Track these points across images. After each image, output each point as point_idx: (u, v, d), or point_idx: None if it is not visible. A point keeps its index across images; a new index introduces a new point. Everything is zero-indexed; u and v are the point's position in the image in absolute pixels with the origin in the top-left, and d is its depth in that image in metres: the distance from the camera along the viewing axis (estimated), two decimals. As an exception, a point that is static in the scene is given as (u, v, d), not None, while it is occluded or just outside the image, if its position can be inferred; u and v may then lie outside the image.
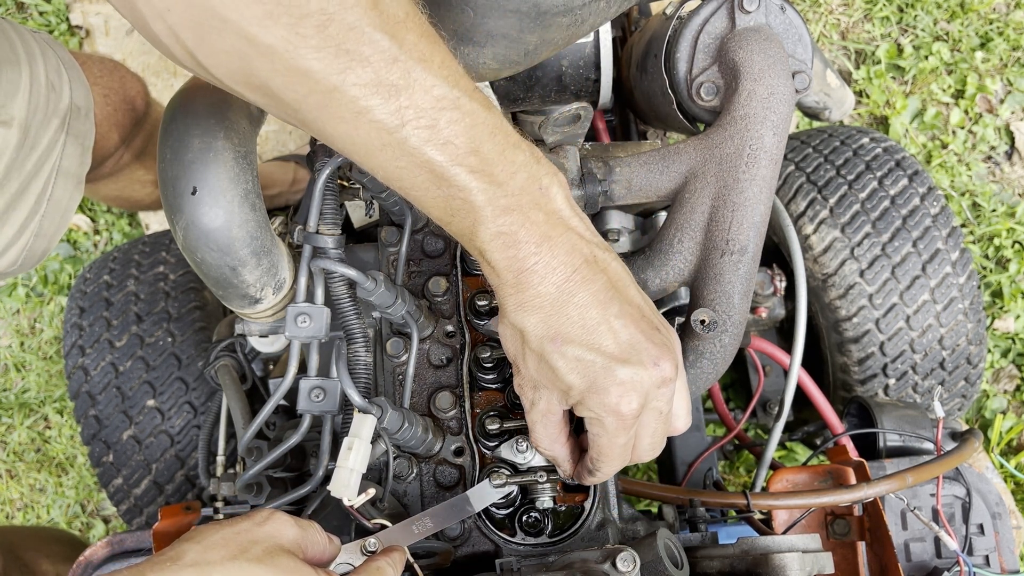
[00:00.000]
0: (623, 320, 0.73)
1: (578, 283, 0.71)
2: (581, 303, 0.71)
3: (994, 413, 2.10)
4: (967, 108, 2.29)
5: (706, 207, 0.97)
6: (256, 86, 0.65)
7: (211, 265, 0.88)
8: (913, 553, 1.15)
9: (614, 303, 0.73)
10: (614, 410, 0.73)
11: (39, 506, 2.29)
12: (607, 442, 0.76)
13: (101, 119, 1.41)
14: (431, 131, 0.65)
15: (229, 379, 1.20)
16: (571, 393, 0.74)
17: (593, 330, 0.72)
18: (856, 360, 1.50)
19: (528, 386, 0.78)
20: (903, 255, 1.47)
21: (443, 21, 0.90)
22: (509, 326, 0.75)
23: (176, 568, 0.63)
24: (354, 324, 0.89)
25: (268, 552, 0.67)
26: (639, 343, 0.73)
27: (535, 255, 0.70)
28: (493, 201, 0.68)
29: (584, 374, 0.72)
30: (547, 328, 0.72)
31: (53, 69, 1.13)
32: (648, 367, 0.72)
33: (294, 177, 2.15)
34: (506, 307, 0.73)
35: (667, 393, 0.75)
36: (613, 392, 0.72)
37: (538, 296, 0.71)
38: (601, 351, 0.72)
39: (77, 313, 1.65)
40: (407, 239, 0.99)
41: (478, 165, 0.67)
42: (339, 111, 0.64)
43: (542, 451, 0.84)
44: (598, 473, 0.82)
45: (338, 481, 0.81)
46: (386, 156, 0.66)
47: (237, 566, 0.64)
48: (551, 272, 0.71)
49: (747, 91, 0.96)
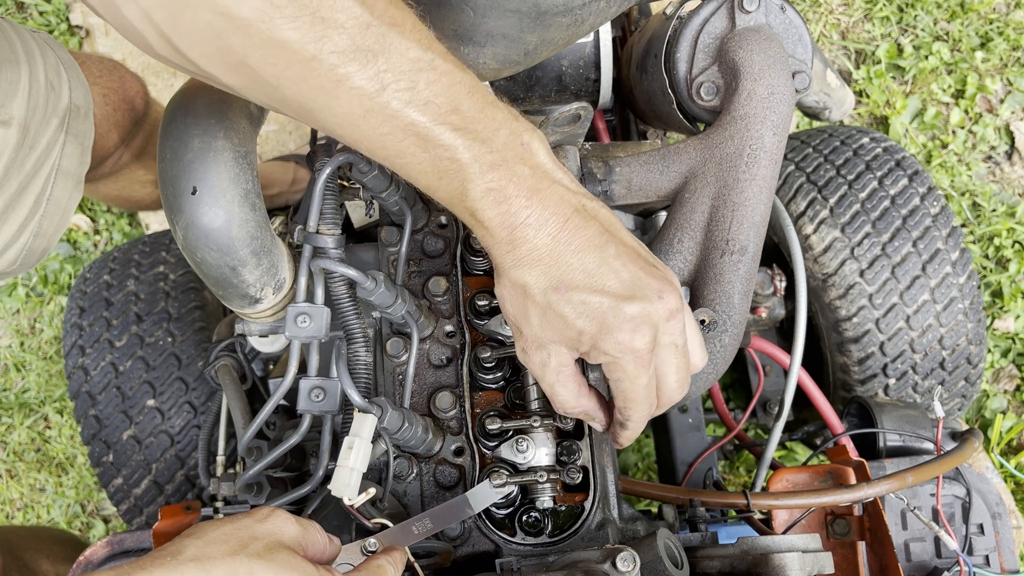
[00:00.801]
0: (621, 260, 0.73)
1: (572, 231, 0.72)
2: (578, 250, 0.72)
3: (994, 413, 2.10)
4: (967, 108, 2.29)
5: (706, 207, 0.97)
6: (234, 64, 0.65)
7: (211, 265, 0.88)
8: (913, 553, 1.15)
9: (610, 245, 0.73)
10: (629, 347, 0.73)
11: (39, 506, 2.29)
12: (629, 385, 0.76)
13: (100, 119, 1.41)
14: (411, 92, 0.65)
15: (229, 379, 1.20)
16: (583, 339, 0.74)
17: (594, 273, 0.72)
18: (856, 360, 1.50)
19: (533, 347, 0.77)
20: (903, 255, 1.47)
21: (443, 21, 0.90)
22: (509, 285, 0.75)
23: (177, 563, 0.62)
24: (354, 324, 0.89)
25: (269, 548, 0.67)
26: (641, 280, 0.73)
27: (526, 208, 0.70)
28: (479, 158, 0.69)
29: (593, 317, 0.72)
30: (549, 279, 0.72)
31: (52, 69, 1.13)
32: (654, 301, 0.73)
33: (294, 177, 2.15)
34: (504, 266, 0.74)
35: (677, 325, 0.76)
36: (625, 328, 0.72)
37: (535, 249, 0.72)
38: (606, 292, 0.72)
39: (77, 313, 1.65)
40: (407, 239, 0.99)
41: (460, 123, 0.68)
42: (318, 81, 0.64)
43: (570, 411, 0.82)
44: (629, 423, 0.81)
45: (338, 480, 0.81)
46: (369, 124, 0.66)
47: (238, 561, 0.64)
48: (544, 224, 0.71)
49: (747, 91, 0.96)
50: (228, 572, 0.63)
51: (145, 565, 0.62)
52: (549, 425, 0.91)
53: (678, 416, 1.58)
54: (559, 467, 0.92)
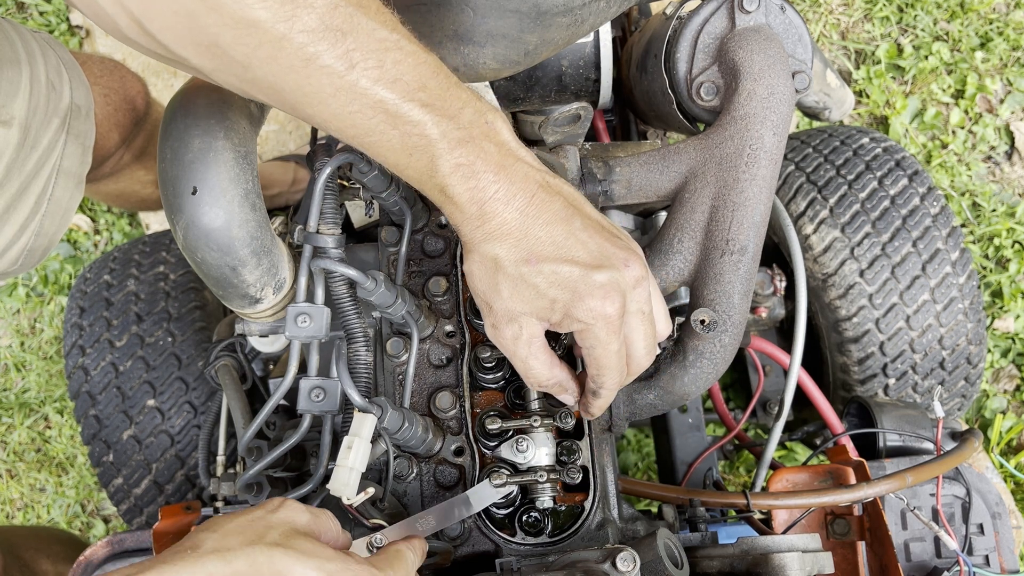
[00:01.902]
0: (588, 232, 0.76)
1: (539, 205, 0.74)
2: (546, 223, 0.75)
3: (994, 413, 2.10)
4: (967, 108, 2.29)
5: (706, 207, 0.98)
6: (206, 45, 0.65)
7: (211, 265, 0.88)
8: (913, 553, 1.15)
9: (576, 218, 0.76)
10: (600, 313, 0.75)
11: (39, 506, 2.29)
12: (602, 351, 0.78)
13: (101, 119, 1.41)
14: (379, 71, 0.67)
15: (229, 379, 1.20)
16: (555, 308, 0.76)
17: (563, 245, 0.75)
18: (856, 360, 1.50)
19: (504, 320, 0.79)
20: (903, 255, 1.47)
21: (443, 21, 0.90)
22: (478, 260, 0.76)
23: (197, 556, 0.62)
24: (354, 324, 0.89)
25: (286, 536, 0.67)
26: (607, 250, 0.77)
27: (495, 183, 0.72)
28: (447, 134, 0.70)
29: (564, 286, 0.75)
30: (519, 251, 0.74)
31: (53, 69, 1.13)
32: (621, 269, 0.76)
33: (294, 177, 2.15)
34: (473, 241, 0.75)
35: (643, 293, 0.79)
36: (596, 295, 0.75)
37: (504, 223, 0.74)
38: (575, 262, 0.75)
39: (77, 313, 1.65)
40: (407, 239, 0.99)
41: (428, 99, 0.70)
42: (289, 60, 0.65)
43: (544, 383, 0.84)
44: (602, 391, 0.83)
45: (338, 480, 0.81)
46: (339, 102, 0.68)
47: (257, 551, 0.64)
48: (512, 198, 0.73)
49: (747, 91, 0.96)
50: (249, 562, 0.63)
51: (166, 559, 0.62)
52: (549, 425, 0.91)
53: (678, 416, 1.58)
54: (559, 467, 0.92)
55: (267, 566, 0.63)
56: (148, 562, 0.62)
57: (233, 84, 0.71)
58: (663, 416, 1.58)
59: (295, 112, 0.71)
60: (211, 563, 0.62)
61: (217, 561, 0.62)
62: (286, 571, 0.64)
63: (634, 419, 0.99)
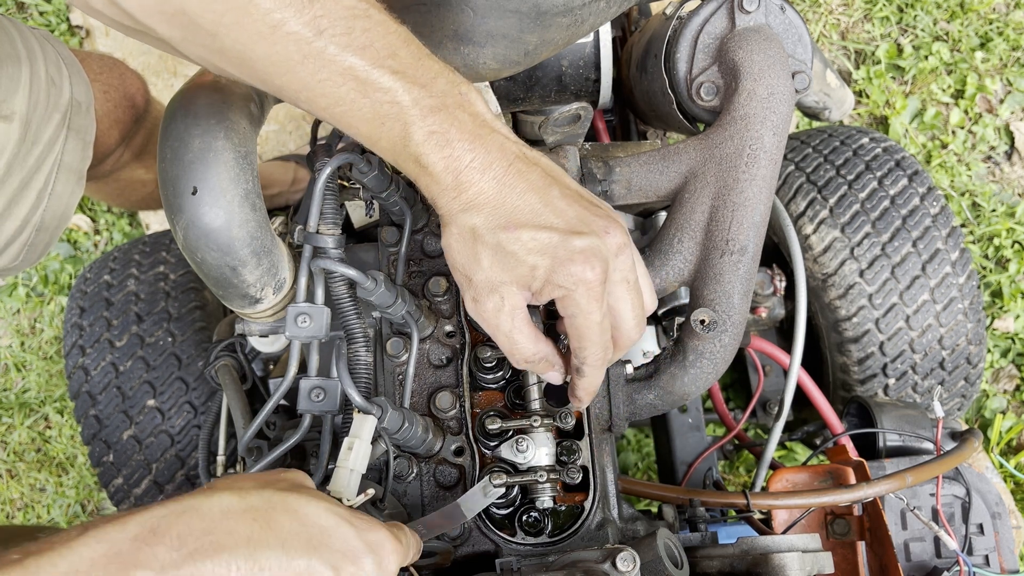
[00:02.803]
0: (566, 200, 0.76)
1: (516, 175, 0.74)
2: (523, 191, 0.74)
3: (994, 413, 2.10)
4: (967, 108, 2.29)
5: (706, 207, 0.98)
6: (171, 14, 0.65)
7: (211, 265, 0.88)
8: (913, 553, 1.15)
9: (553, 187, 0.76)
10: (581, 278, 0.74)
11: (39, 506, 2.29)
12: (584, 320, 0.76)
13: (101, 115, 1.42)
14: (348, 37, 0.67)
15: (229, 379, 1.20)
16: (536, 274, 0.75)
17: (540, 213, 0.74)
18: (856, 360, 1.50)
19: (485, 291, 0.77)
20: (903, 255, 1.47)
21: (443, 21, 0.90)
22: (456, 232, 0.76)
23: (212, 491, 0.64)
24: (354, 324, 0.89)
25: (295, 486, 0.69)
26: (586, 217, 0.76)
27: (470, 152, 0.72)
28: (419, 101, 0.70)
29: (544, 252, 0.74)
30: (497, 219, 0.74)
31: (53, 65, 1.14)
32: (601, 235, 0.75)
33: (294, 177, 2.15)
34: (451, 211, 0.75)
35: (627, 261, 0.78)
36: (577, 260, 0.73)
37: (481, 193, 0.73)
38: (554, 228, 0.74)
39: (77, 313, 1.65)
40: (407, 239, 0.99)
41: (399, 67, 0.69)
42: (255, 26, 0.65)
43: (530, 358, 0.81)
44: (585, 367, 0.81)
45: (338, 481, 0.81)
46: (307, 70, 0.67)
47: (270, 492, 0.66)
48: (489, 167, 0.72)
49: (747, 91, 0.96)
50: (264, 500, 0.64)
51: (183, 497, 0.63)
52: (549, 425, 0.91)
53: (678, 416, 1.58)
54: (559, 467, 0.92)
55: (280, 503, 0.65)
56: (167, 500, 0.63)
57: (202, 56, 0.70)
58: (663, 416, 1.58)
59: (265, 84, 0.71)
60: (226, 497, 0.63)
61: (231, 496, 0.64)
62: (300, 508, 0.65)
63: (634, 419, 0.99)
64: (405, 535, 0.76)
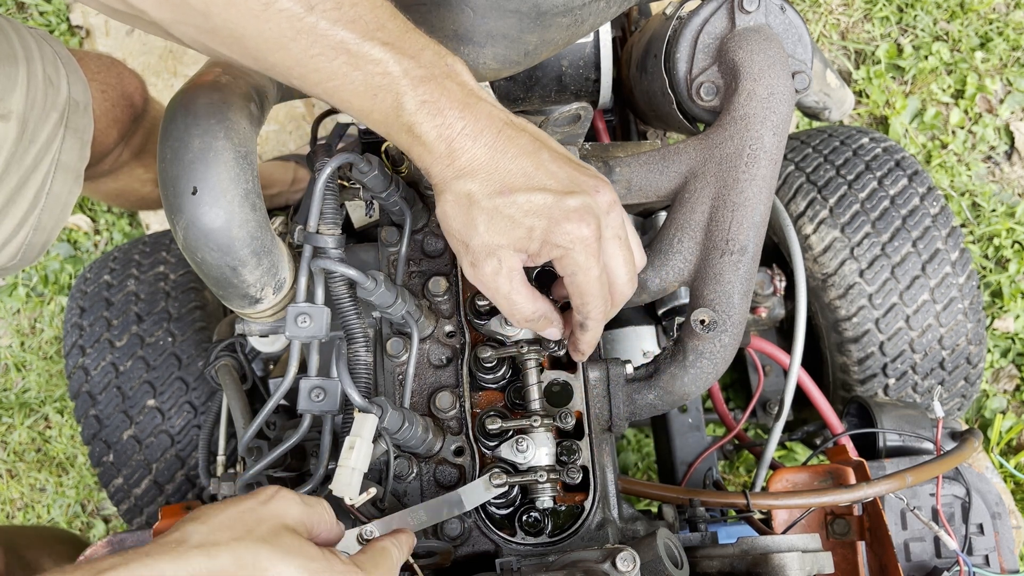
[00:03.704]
0: (556, 163, 0.78)
1: (507, 140, 0.76)
2: (514, 156, 0.76)
3: (994, 413, 2.10)
4: (967, 108, 2.29)
5: (706, 207, 0.98)
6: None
7: (211, 265, 0.88)
8: (913, 553, 1.15)
9: (543, 151, 0.78)
10: (578, 236, 0.77)
11: (39, 506, 2.29)
12: (584, 277, 0.79)
13: (99, 114, 1.41)
14: (338, 12, 0.69)
15: (229, 379, 1.20)
16: (533, 236, 0.77)
17: (533, 176, 0.77)
18: (856, 360, 1.50)
19: (483, 256, 0.79)
20: (903, 255, 1.47)
21: (443, 21, 0.90)
22: (452, 199, 0.77)
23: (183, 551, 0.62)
24: (354, 324, 0.89)
25: (274, 531, 0.67)
26: (577, 177, 0.79)
27: (461, 119, 0.74)
28: (409, 71, 0.71)
29: (539, 213, 0.76)
30: (492, 184, 0.76)
31: (50, 64, 1.14)
32: (592, 194, 0.78)
33: (294, 177, 2.15)
34: (445, 179, 0.76)
35: (617, 217, 0.81)
36: (572, 218, 0.76)
37: (474, 159, 0.75)
38: (547, 190, 0.76)
39: (77, 313, 1.65)
40: (407, 239, 0.99)
41: (388, 39, 0.71)
42: (248, 4, 0.66)
43: (529, 317, 0.83)
44: (589, 322, 0.84)
45: (340, 480, 0.81)
46: (300, 46, 0.69)
47: (243, 547, 0.64)
48: (480, 134, 0.74)
49: (747, 91, 0.96)
50: (234, 559, 0.63)
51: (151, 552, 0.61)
52: (549, 425, 0.91)
53: (678, 416, 1.58)
54: (559, 467, 0.92)
55: (251, 563, 0.63)
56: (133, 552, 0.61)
57: (194, 37, 0.71)
58: (663, 416, 1.58)
59: (258, 62, 0.72)
60: (195, 559, 0.61)
61: (201, 557, 0.62)
62: (270, 569, 0.63)
63: (634, 419, 0.99)
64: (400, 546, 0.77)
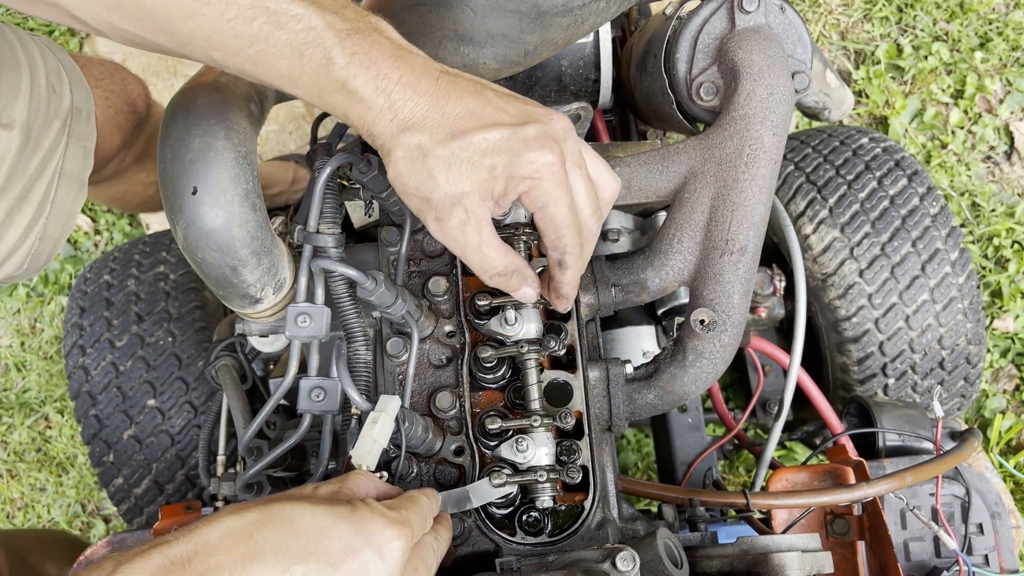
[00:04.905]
0: (503, 99, 0.75)
1: (447, 85, 0.73)
2: (458, 97, 0.73)
3: (993, 413, 2.11)
4: (967, 108, 2.29)
5: (706, 207, 0.98)
6: None
7: (211, 265, 0.88)
8: (912, 552, 1.15)
9: (486, 90, 0.75)
10: (543, 163, 0.73)
11: (39, 505, 2.29)
12: (555, 208, 0.76)
13: (103, 121, 1.42)
14: None
15: (229, 379, 1.20)
16: (496, 174, 0.73)
17: (482, 113, 0.73)
18: (855, 360, 1.50)
19: (447, 207, 0.75)
20: (902, 255, 1.47)
21: (443, 21, 0.90)
22: (403, 155, 0.73)
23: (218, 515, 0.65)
24: (354, 324, 0.89)
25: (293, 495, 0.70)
26: (526, 109, 0.76)
27: (396, 69, 0.71)
28: (334, 25, 0.69)
29: (498, 149, 0.73)
30: (442, 131, 0.72)
31: (53, 72, 1.14)
32: (546, 122, 0.75)
33: (294, 177, 2.15)
34: (391, 134, 0.73)
35: (574, 144, 0.77)
36: (534, 147, 0.73)
37: (417, 108, 0.72)
38: (501, 124, 0.73)
39: (78, 313, 1.65)
40: (407, 239, 0.99)
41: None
42: None
43: (502, 271, 0.80)
44: (567, 258, 0.81)
45: (361, 447, 0.81)
46: (214, 10, 0.66)
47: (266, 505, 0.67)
48: (418, 83, 0.72)
49: (747, 91, 0.96)
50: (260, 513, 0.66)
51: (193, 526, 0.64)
52: (549, 425, 0.91)
53: (678, 416, 1.58)
54: (559, 467, 0.92)
55: (277, 513, 0.65)
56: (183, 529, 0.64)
57: (98, 15, 0.68)
58: (663, 416, 1.58)
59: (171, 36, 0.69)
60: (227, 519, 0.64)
61: (231, 517, 0.65)
62: (293, 513, 0.66)
63: (634, 419, 0.99)
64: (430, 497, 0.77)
